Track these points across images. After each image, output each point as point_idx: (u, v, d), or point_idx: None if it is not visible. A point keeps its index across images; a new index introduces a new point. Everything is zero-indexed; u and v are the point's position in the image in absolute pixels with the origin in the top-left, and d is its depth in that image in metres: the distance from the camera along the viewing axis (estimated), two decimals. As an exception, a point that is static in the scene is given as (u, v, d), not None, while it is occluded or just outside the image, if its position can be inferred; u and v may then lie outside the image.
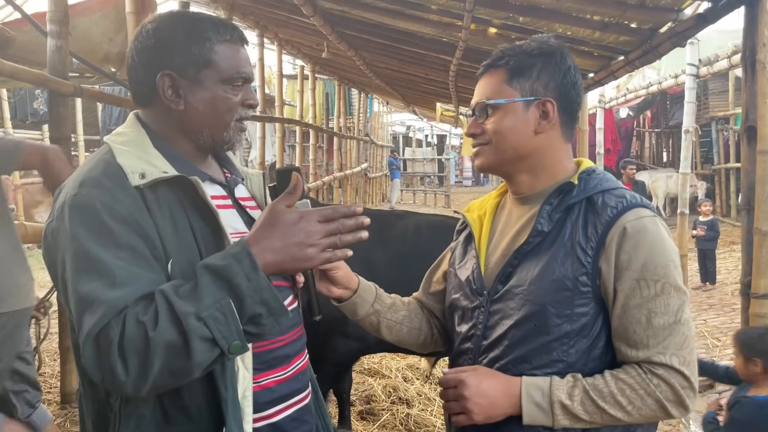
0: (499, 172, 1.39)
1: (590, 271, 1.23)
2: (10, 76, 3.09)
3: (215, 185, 1.31)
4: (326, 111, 12.86)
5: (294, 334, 1.33)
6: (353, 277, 1.46)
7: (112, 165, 1.17)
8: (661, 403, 1.19)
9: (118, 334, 1.03)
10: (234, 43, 1.26)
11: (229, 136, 1.27)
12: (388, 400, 4.06)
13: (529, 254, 1.29)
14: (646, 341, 1.20)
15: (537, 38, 1.35)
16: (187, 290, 1.06)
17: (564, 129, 1.34)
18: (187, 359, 1.04)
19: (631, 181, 9.29)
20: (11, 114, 9.79)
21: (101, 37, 4.59)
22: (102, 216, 1.10)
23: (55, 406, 3.60)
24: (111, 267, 1.08)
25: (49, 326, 3.55)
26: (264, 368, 1.24)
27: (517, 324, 1.27)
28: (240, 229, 1.28)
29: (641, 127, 18.21)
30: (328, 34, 6.14)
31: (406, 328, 1.53)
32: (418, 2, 4.25)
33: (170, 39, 1.23)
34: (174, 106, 1.24)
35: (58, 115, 3.58)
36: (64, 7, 3.51)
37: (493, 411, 1.24)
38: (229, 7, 6.42)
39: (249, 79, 1.28)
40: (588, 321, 1.24)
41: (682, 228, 5.74)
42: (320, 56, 7.65)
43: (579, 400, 1.20)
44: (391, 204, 19.07)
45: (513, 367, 1.27)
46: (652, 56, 3.71)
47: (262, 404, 1.23)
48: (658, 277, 1.21)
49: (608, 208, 1.25)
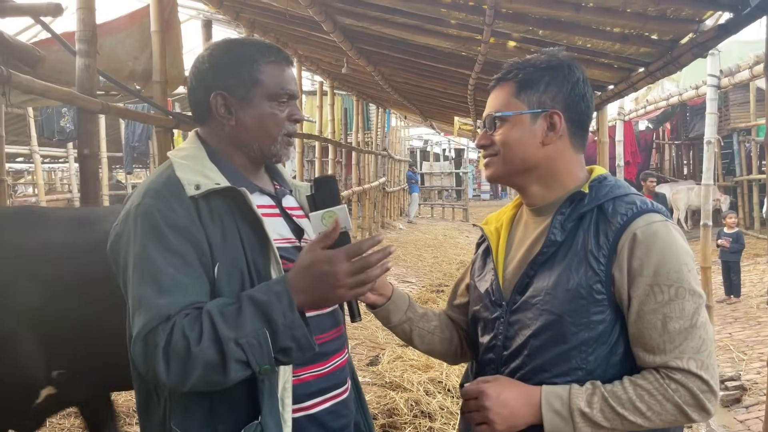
0: (510, 182, 1.41)
1: (604, 279, 1.24)
2: (42, 94, 3.17)
3: (264, 196, 1.42)
4: (345, 126, 12.98)
5: (333, 333, 1.41)
6: (387, 285, 1.51)
7: (172, 178, 1.30)
8: (681, 407, 1.19)
9: (164, 340, 1.16)
10: (279, 63, 1.39)
11: (277, 149, 1.39)
12: (410, 413, 4.05)
13: (544, 264, 1.30)
14: (663, 346, 1.20)
15: (546, 51, 1.38)
16: (230, 314, 1.18)
17: (573, 140, 1.35)
18: (223, 375, 1.17)
19: (651, 194, 9.22)
20: (38, 132, 10.01)
21: (126, 55, 4.70)
22: (159, 223, 1.23)
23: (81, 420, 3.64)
24: (162, 274, 1.21)
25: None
26: (303, 363, 1.33)
27: (535, 334, 1.28)
28: (285, 236, 1.38)
29: (661, 140, 18.07)
30: (347, 50, 6.21)
31: (438, 337, 1.56)
32: (437, 17, 4.30)
33: (221, 62, 1.37)
34: (226, 123, 1.37)
35: (86, 132, 3.66)
36: (92, 27, 3.60)
37: (515, 420, 1.25)
38: (249, 24, 6.54)
39: (294, 96, 1.39)
40: (605, 328, 1.24)
41: (705, 240, 5.67)
42: (339, 72, 7.74)
43: (598, 407, 1.20)
44: (409, 218, 19.10)
45: (533, 376, 1.28)
46: (672, 67, 3.70)
47: (300, 396, 1.32)
48: (671, 281, 1.21)
49: (618, 215, 1.26)
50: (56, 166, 17.72)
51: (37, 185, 11.39)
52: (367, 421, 1.56)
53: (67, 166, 13.97)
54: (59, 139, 9.83)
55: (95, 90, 3.68)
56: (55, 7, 3.12)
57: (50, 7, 3.13)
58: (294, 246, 1.40)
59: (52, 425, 3.29)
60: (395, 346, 5.48)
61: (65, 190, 14.69)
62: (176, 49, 4.88)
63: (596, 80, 4.85)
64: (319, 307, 1.29)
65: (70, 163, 12.81)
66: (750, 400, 5.21)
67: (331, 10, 4.97)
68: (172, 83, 4.84)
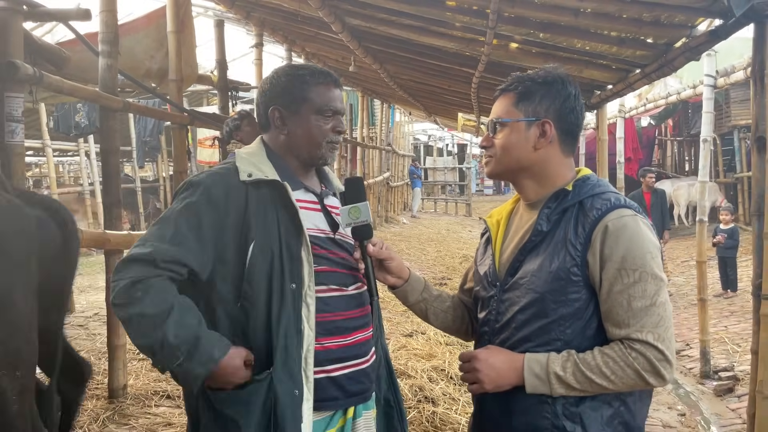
0: (506, 178, 1.63)
1: (580, 264, 1.44)
2: (70, 93, 3.36)
3: (309, 193, 1.67)
4: (350, 121, 13.12)
5: (357, 312, 1.65)
6: (405, 269, 1.72)
7: (231, 166, 1.61)
8: (639, 373, 1.39)
9: (137, 277, 1.45)
10: (326, 85, 1.66)
11: (322, 154, 1.68)
12: (414, 399, 4.23)
13: (532, 251, 1.52)
14: (627, 321, 1.41)
15: (545, 68, 1.59)
16: (181, 322, 1.46)
17: (563, 146, 1.56)
18: (134, 337, 1.49)
19: (650, 190, 9.31)
20: (55, 127, 10.20)
21: (143, 54, 4.89)
22: (198, 193, 1.54)
23: (104, 401, 3.83)
24: (173, 225, 1.51)
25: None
26: (326, 334, 1.57)
27: (522, 309, 1.49)
28: (322, 227, 1.63)
29: (663, 136, 18.18)
30: (355, 49, 6.38)
31: (451, 316, 1.77)
32: (442, 19, 4.46)
33: (279, 83, 1.67)
34: (281, 132, 1.67)
35: (108, 129, 3.86)
36: (114, 29, 3.79)
37: (501, 381, 1.47)
38: (259, 23, 6.72)
39: (338, 112, 1.66)
40: (581, 305, 1.45)
41: (701, 235, 5.84)
42: (345, 69, 7.90)
43: (571, 371, 1.41)
44: (412, 213, 19.25)
45: (519, 345, 1.49)
46: (667, 69, 3.86)
47: (322, 361, 1.56)
48: (636, 266, 1.41)
49: (594, 209, 1.47)
50: (65, 160, 17.91)
51: (49, 178, 11.61)
52: (397, 397, 1.79)
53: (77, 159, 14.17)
54: (75, 134, 10.06)
55: (116, 88, 3.87)
56: (84, 12, 3.31)
57: (80, 12, 3.32)
58: (328, 237, 1.64)
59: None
60: (400, 336, 5.66)
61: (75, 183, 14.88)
62: (190, 48, 5.07)
63: (595, 80, 5.01)
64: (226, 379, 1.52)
65: (80, 157, 13.02)
66: (742, 389, 5.39)
67: (340, 11, 5.14)
68: (186, 81, 5.03)
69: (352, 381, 1.61)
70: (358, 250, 1.63)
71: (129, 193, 12.92)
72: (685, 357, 6.69)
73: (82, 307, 6.28)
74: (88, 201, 11.98)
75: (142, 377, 4.22)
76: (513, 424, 1.49)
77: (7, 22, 2.81)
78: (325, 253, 1.61)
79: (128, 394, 3.91)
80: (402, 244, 12.00)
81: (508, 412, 1.49)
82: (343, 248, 1.66)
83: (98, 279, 7.51)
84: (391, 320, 6.23)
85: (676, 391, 5.81)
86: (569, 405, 1.44)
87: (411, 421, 3.92)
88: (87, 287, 7.52)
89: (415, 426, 3.89)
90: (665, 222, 9.42)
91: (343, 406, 1.62)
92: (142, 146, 12.56)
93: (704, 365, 5.91)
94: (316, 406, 1.54)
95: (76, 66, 4.19)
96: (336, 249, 1.65)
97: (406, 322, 6.09)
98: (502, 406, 1.50)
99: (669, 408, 5.35)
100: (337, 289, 1.61)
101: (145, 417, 3.65)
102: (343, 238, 1.67)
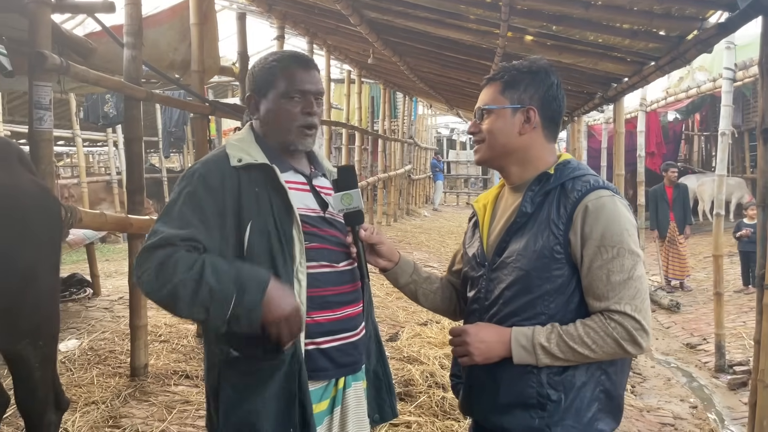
0: (494, 165, 1.71)
1: (562, 242, 1.53)
2: (95, 83, 3.51)
3: (298, 174, 1.74)
4: (372, 114, 13.21)
5: (347, 288, 1.73)
6: (395, 252, 1.82)
7: (222, 152, 1.67)
8: (618, 342, 1.48)
9: (160, 259, 1.48)
10: (293, 68, 1.69)
11: (293, 140, 1.70)
12: (425, 384, 4.31)
13: (517, 231, 1.60)
14: (606, 294, 1.49)
15: (530, 58, 1.68)
16: (219, 269, 1.49)
17: (546, 132, 1.65)
18: (183, 307, 1.48)
19: (672, 184, 9.24)
20: (84, 117, 10.49)
21: (167, 46, 5.03)
22: (195, 180, 1.60)
23: (126, 379, 4.01)
24: (178, 211, 1.56)
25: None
26: (316, 308, 1.65)
27: (509, 286, 1.58)
28: (311, 207, 1.71)
29: (690, 131, 17.92)
30: (373, 41, 6.47)
31: (439, 297, 1.86)
32: (456, 12, 4.53)
33: (253, 71, 1.74)
34: (257, 118, 1.74)
35: (131, 118, 4.01)
36: (138, 21, 3.93)
37: (489, 353, 1.56)
38: (281, 16, 6.84)
39: (308, 93, 1.69)
40: (564, 281, 1.54)
41: (718, 229, 5.81)
42: (366, 62, 7.99)
43: (555, 342, 1.50)
44: (434, 206, 19.29)
45: (507, 320, 1.58)
46: (680, 62, 3.88)
47: (312, 333, 1.64)
48: (614, 243, 1.49)
49: (575, 191, 1.55)
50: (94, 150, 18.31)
51: (79, 167, 11.92)
52: (386, 370, 1.88)
53: (106, 149, 14.50)
54: (103, 123, 10.35)
55: (140, 79, 4.02)
56: (109, 5, 3.45)
57: (105, 4, 3.47)
58: (318, 216, 1.72)
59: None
60: (414, 324, 5.75)
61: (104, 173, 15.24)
62: (213, 40, 5.20)
63: (611, 73, 5.03)
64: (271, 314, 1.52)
65: (109, 147, 13.33)
66: (756, 382, 5.37)
67: (358, 4, 5.23)
68: (209, 72, 5.17)
69: (342, 353, 1.69)
70: (350, 235, 1.71)
71: (155, 183, 13.21)
72: (701, 351, 6.67)
73: (107, 291, 6.50)
74: (116, 190, 12.27)
75: (163, 358, 4.39)
76: (500, 394, 1.58)
77: (36, 15, 2.95)
78: (316, 230, 1.68)
79: (149, 373, 4.08)
80: (422, 236, 12.08)
81: (496, 383, 1.59)
82: (334, 226, 1.74)
83: (123, 265, 7.73)
84: (407, 309, 6.33)
85: (689, 385, 5.82)
86: (553, 374, 1.53)
87: (420, 405, 4.01)
88: (113, 272, 7.76)
89: (425, 410, 3.98)
90: (687, 217, 9.35)
91: (334, 377, 1.70)
92: (167, 137, 12.81)
93: (719, 359, 5.90)
94: (310, 376, 1.62)
95: (102, 57, 4.35)
96: (326, 227, 1.72)
97: (421, 312, 6.17)
98: (491, 378, 1.60)
99: (681, 400, 5.37)
100: (328, 265, 1.68)
101: (164, 395, 3.81)
102: (334, 217, 1.74)
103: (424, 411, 3.96)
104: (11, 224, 2.06)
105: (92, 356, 4.40)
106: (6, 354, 2.12)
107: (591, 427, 1.53)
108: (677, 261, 9.13)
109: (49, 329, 2.24)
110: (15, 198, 2.11)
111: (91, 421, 3.38)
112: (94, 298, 6.24)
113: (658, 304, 8.46)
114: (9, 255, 2.04)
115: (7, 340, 2.07)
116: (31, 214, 2.16)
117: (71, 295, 6.10)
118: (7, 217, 2.05)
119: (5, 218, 2.04)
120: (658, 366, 6.39)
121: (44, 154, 3.01)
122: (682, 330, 7.51)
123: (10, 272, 2.04)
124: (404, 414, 3.83)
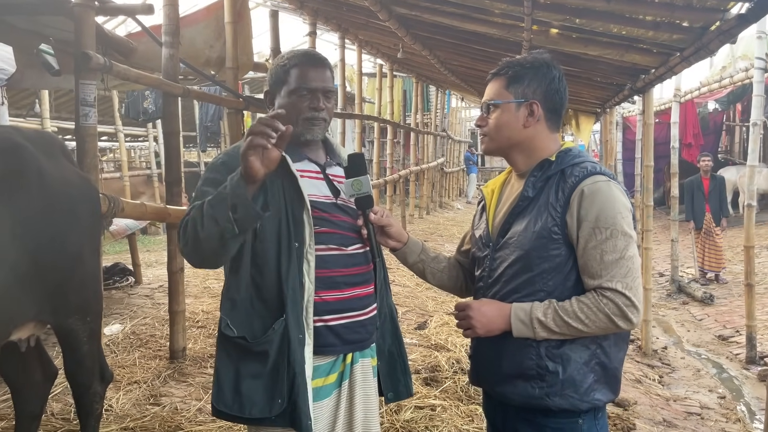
0: (500, 154, 1.83)
1: (560, 224, 1.64)
2: (136, 81, 3.72)
3: (312, 164, 1.87)
4: (404, 107, 13.30)
5: (356, 270, 1.85)
6: (404, 234, 1.94)
7: (242, 144, 1.79)
8: (610, 317, 1.59)
9: (183, 223, 1.67)
10: (303, 66, 1.83)
11: (299, 130, 1.81)
12: (450, 370, 4.44)
13: (519, 214, 1.72)
14: (600, 273, 1.60)
15: (533, 53, 1.78)
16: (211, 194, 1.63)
17: (549, 123, 1.76)
18: (205, 229, 1.59)
19: (707, 175, 9.12)
20: (125, 113, 10.89)
21: (203, 44, 5.24)
22: (218, 166, 1.79)
23: (165, 361, 4.24)
24: (202, 192, 1.72)
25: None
26: (324, 287, 1.79)
27: (510, 265, 1.70)
28: (324, 193, 1.85)
29: (731, 121, 17.50)
30: (403, 36, 6.58)
31: (446, 275, 1.99)
32: (481, 7, 4.61)
33: (271, 69, 1.91)
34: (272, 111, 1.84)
35: (170, 114, 4.22)
36: (176, 21, 4.13)
37: (491, 326, 1.68)
38: (313, 12, 7.00)
39: (316, 90, 1.82)
40: (561, 260, 1.65)
41: (749, 220, 5.77)
42: (396, 56, 8.11)
43: (551, 317, 1.61)
44: (467, 199, 19.31)
45: (508, 296, 1.70)
46: (704, 53, 3.90)
47: (320, 311, 1.78)
48: (608, 225, 1.60)
49: (573, 176, 1.66)
50: (136, 145, 18.84)
51: (121, 162, 12.35)
52: (401, 350, 2.00)
53: (147, 144, 14.93)
54: (143, 119, 10.73)
55: (177, 76, 4.23)
56: (148, 7, 3.66)
57: (144, 7, 3.67)
58: (330, 202, 1.85)
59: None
60: (443, 314, 5.87)
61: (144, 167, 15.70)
62: (247, 38, 5.37)
63: (638, 64, 5.04)
64: (252, 178, 1.57)
65: (149, 142, 13.73)
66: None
67: (386, 0, 5.35)
68: (242, 69, 5.35)
69: (349, 330, 1.81)
70: (362, 219, 1.84)
71: (193, 176, 13.57)
72: (733, 343, 6.62)
73: (148, 280, 6.80)
74: (156, 183, 12.65)
75: (200, 342, 4.61)
76: (503, 365, 1.71)
77: (81, 17, 3.16)
78: (327, 216, 1.81)
79: (187, 356, 4.30)
80: (454, 228, 12.15)
81: (499, 355, 1.71)
82: (345, 212, 1.86)
83: (163, 255, 8.01)
84: (436, 299, 6.45)
85: (719, 376, 5.81)
86: (551, 347, 1.65)
87: (446, 389, 4.13)
88: (154, 262, 8.08)
89: (450, 394, 4.10)
90: (723, 209, 9.21)
91: (341, 352, 1.83)
92: (204, 131, 13.15)
93: (750, 351, 5.87)
94: (318, 351, 1.76)
95: (142, 56, 4.57)
96: (337, 213, 1.84)
97: (451, 302, 6.28)
98: (494, 350, 1.72)
99: (709, 391, 5.37)
100: (336, 248, 1.81)
101: (201, 376, 4.02)
102: (345, 203, 1.87)
103: (449, 395, 4.08)
104: (63, 211, 2.27)
105: (134, 340, 4.66)
106: (58, 329, 2.32)
107: (588, 397, 1.64)
108: (713, 252, 9.01)
109: (96, 306, 2.45)
110: (64, 187, 2.32)
111: (133, 398, 3.61)
112: (135, 286, 6.54)
113: (691, 296, 8.38)
114: (61, 238, 2.24)
115: (60, 315, 2.28)
116: (77, 202, 2.37)
117: (115, 283, 6.40)
118: (59, 204, 2.25)
119: (58, 205, 2.25)
120: (688, 357, 6.38)
121: (89, 149, 3.23)
122: (714, 322, 7.45)
123: (63, 254, 2.24)
124: (430, 398, 3.95)
